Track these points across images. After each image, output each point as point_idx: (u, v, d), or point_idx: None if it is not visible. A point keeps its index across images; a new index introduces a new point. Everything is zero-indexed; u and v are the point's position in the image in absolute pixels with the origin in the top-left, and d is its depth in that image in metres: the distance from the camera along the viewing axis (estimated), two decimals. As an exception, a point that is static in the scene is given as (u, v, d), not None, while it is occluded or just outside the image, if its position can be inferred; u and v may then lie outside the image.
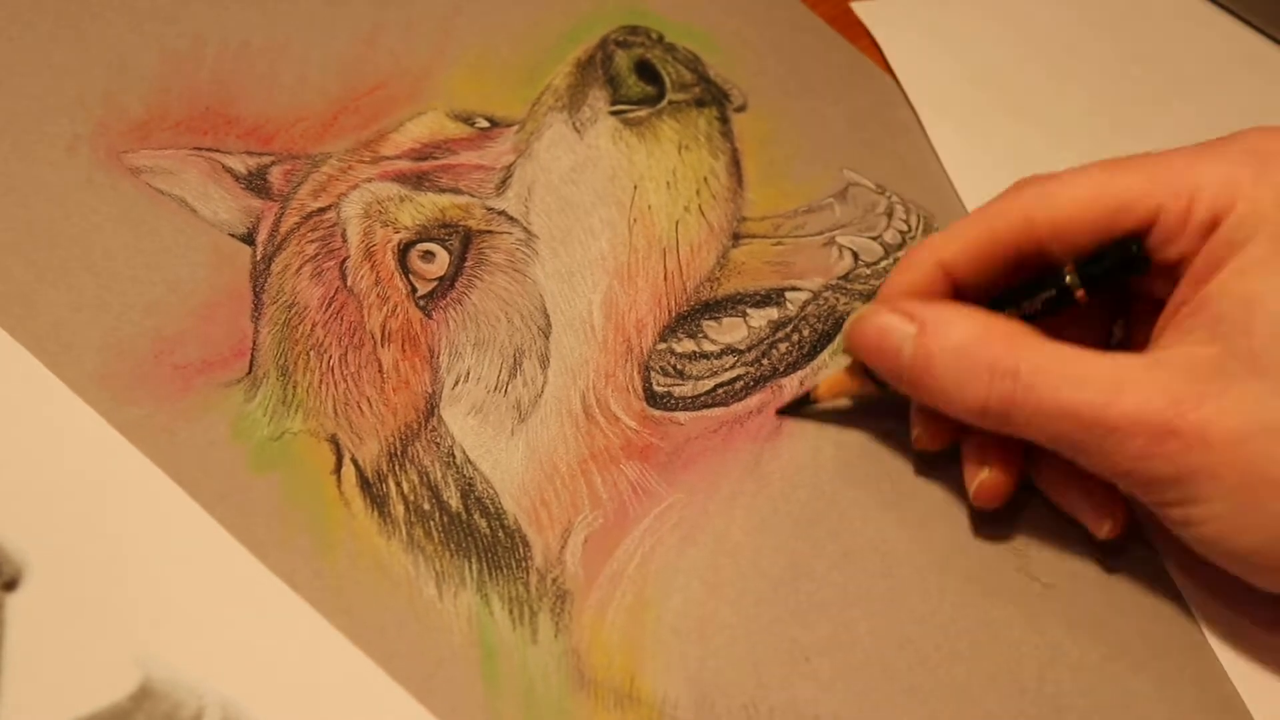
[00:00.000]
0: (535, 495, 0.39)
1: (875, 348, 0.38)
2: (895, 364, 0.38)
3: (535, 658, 0.37)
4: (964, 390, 0.36)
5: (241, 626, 0.36)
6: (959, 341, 0.36)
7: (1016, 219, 0.38)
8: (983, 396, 0.36)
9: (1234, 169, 0.36)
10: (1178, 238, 0.36)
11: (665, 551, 0.39)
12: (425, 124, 0.46)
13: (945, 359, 0.36)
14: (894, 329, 0.37)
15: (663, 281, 0.44)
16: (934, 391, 0.37)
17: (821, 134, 0.48)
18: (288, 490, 0.38)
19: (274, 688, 0.35)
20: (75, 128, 0.44)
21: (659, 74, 0.47)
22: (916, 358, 0.37)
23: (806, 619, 0.38)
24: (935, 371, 0.37)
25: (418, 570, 0.38)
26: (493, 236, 0.44)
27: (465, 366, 0.41)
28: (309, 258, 0.42)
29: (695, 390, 0.42)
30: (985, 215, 0.38)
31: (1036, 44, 0.52)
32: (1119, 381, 0.35)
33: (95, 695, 0.34)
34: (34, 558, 0.36)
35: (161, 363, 0.40)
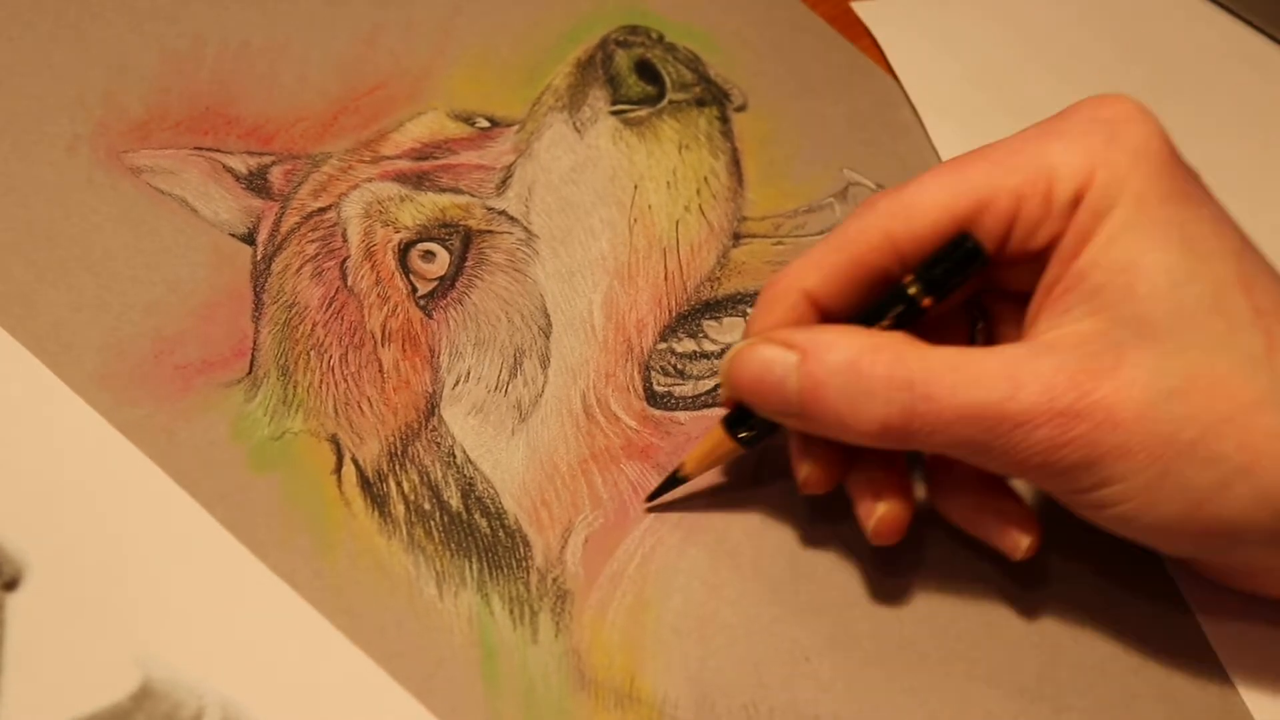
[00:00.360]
0: (536, 495, 0.39)
1: (757, 382, 0.36)
2: (781, 397, 0.35)
3: (535, 658, 0.37)
4: (859, 411, 0.34)
5: (242, 626, 0.36)
6: (845, 360, 0.34)
7: (876, 238, 0.36)
8: (880, 413, 0.34)
9: (1085, 141, 0.34)
10: (1044, 221, 0.35)
11: (665, 551, 0.39)
12: (425, 124, 0.46)
13: (835, 382, 0.34)
14: (775, 360, 0.35)
15: (663, 281, 0.44)
16: (827, 418, 0.35)
17: (821, 134, 0.48)
18: (288, 490, 0.38)
19: (274, 688, 0.35)
20: (75, 128, 0.44)
21: (659, 74, 0.47)
22: (804, 386, 0.35)
23: (806, 619, 0.38)
24: (826, 397, 0.35)
25: (418, 570, 0.38)
26: (493, 236, 0.44)
27: (466, 366, 0.41)
28: (309, 257, 0.42)
29: (696, 390, 0.42)
30: (844, 239, 0.37)
31: (1037, 43, 0.52)
32: (1014, 374, 0.33)
33: (95, 695, 0.34)
34: (34, 558, 0.36)
35: (162, 363, 0.40)
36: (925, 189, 0.36)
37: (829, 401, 0.35)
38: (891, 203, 0.36)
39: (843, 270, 0.36)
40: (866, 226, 0.36)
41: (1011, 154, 0.35)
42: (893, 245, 0.36)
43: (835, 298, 0.37)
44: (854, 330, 0.36)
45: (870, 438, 0.35)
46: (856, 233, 0.36)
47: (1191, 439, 0.33)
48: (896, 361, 0.34)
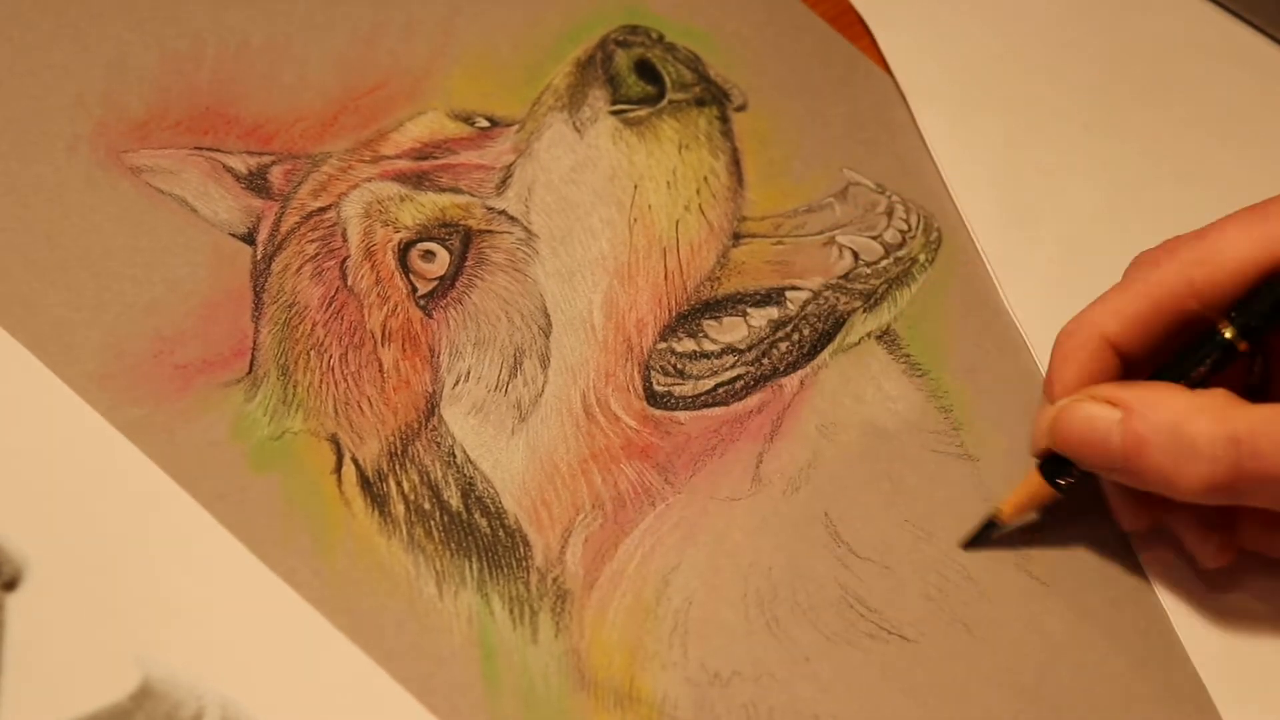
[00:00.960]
0: (536, 495, 0.39)
1: (1083, 440, 0.37)
2: (1105, 453, 0.36)
3: (535, 657, 0.37)
4: (1183, 469, 0.35)
5: (241, 626, 0.36)
6: (1170, 419, 0.35)
7: (1178, 285, 0.37)
8: (1207, 473, 0.34)
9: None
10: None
11: (665, 551, 0.39)
12: (425, 124, 0.46)
13: (1159, 440, 0.35)
14: (1099, 417, 0.36)
15: (663, 281, 0.44)
16: (1152, 476, 0.36)
17: (821, 134, 0.48)
18: (288, 490, 0.38)
19: (274, 688, 0.35)
20: (75, 128, 0.44)
21: (659, 73, 0.47)
22: (1128, 443, 0.36)
23: (807, 619, 0.38)
24: (1150, 455, 0.35)
25: (418, 570, 0.38)
26: (493, 236, 0.44)
27: (466, 366, 0.41)
28: (309, 257, 0.42)
29: (696, 390, 0.42)
30: (1144, 284, 0.37)
31: (1032, 40, 0.51)
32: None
33: (95, 695, 0.34)
34: (34, 557, 0.36)
35: (161, 362, 0.40)
36: (1229, 236, 0.37)
37: (1152, 460, 0.35)
38: (1194, 250, 0.37)
39: (1143, 317, 0.37)
40: (1167, 273, 0.37)
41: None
42: (1195, 292, 0.37)
43: (1135, 343, 0.38)
44: (1177, 389, 0.36)
45: (1196, 495, 0.35)
46: (1158, 279, 0.37)
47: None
48: (1222, 420, 0.34)
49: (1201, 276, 0.37)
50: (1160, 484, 0.36)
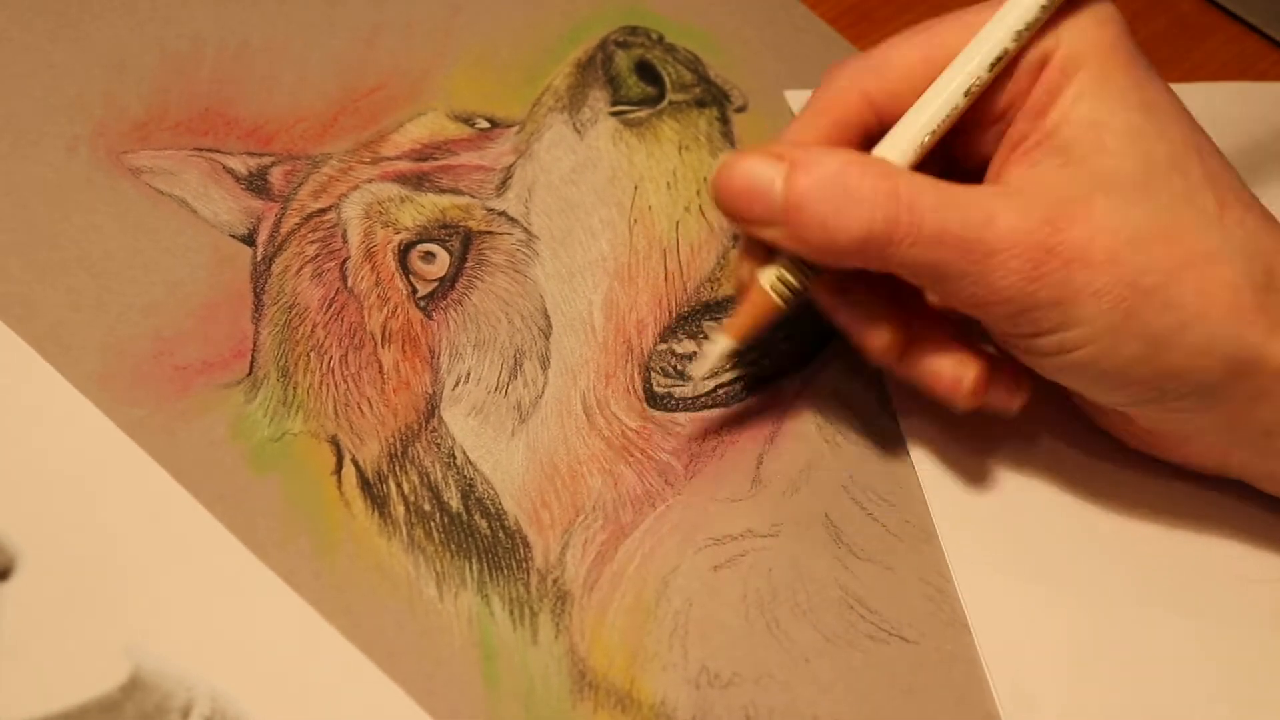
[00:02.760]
0: (536, 496, 0.39)
1: (745, 191, 0.36)
2: (766, 205, 0.36)
3: (536, 659, 0.37)
4: (843, 217, 0.35)
5: (241, 626, 0.36)
6: (833, 170, 0.35)
7: (855, 100, 0.38)
8: (865, 219, 0.35)
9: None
10: (1006, 82, 0.37)
11: (665, 552, 0.39)
12: (425, 125, 0.46)
13: (822, 189, 0.35)
14: (763, 170, 0.36)
15: (663, 282, 0.44)
16: (811, 226, 0.35)
17: (821, 134, 0.48)
18: (288, 491, 0.38)
19: (273, 688, 0.35)
20: (75, 128, 0.44)
21: (659, 74, 0.47)
22: (790, 194, 0.35)
23: (807, 619, 0.38)
24: (811, 205, 0.35)
25: (418, 571, 0.38)
26: (493, 237, 0.44)
27: (466, 367, 0.41)
28: (309, 258, 0.42)
29: (696, 391, 0.42)
30: (824, 106, 0.38)
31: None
32: (992, 206, 0.35)
33: (85, 685, 0.34)
34: (26, 548, 0.36)
35: (161, 363, 0.40)
36: (896, 48, 0.38)
37: (813, 209, 0.35)
38: (864, 63, 0.38)
39: (825, 134, 0.38)
40: (842, 89, 0.38)
41: (979, 15, 0.37)
42: (870, 105, 0.38)
43: None
44: (847, 151, 0.36)
45: (852, 247, 0.35)
46: (835, 97, 0.38)
47: (1154, 284, 0.34)
48: (883, 174, 0.35)
49: (874, 86, 0.38)
50: (819, 237, 0.35)
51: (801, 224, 0.36)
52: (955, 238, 0.34)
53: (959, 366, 0.38)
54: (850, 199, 0.35)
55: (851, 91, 0.38)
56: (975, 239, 0.34)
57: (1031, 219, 0.34)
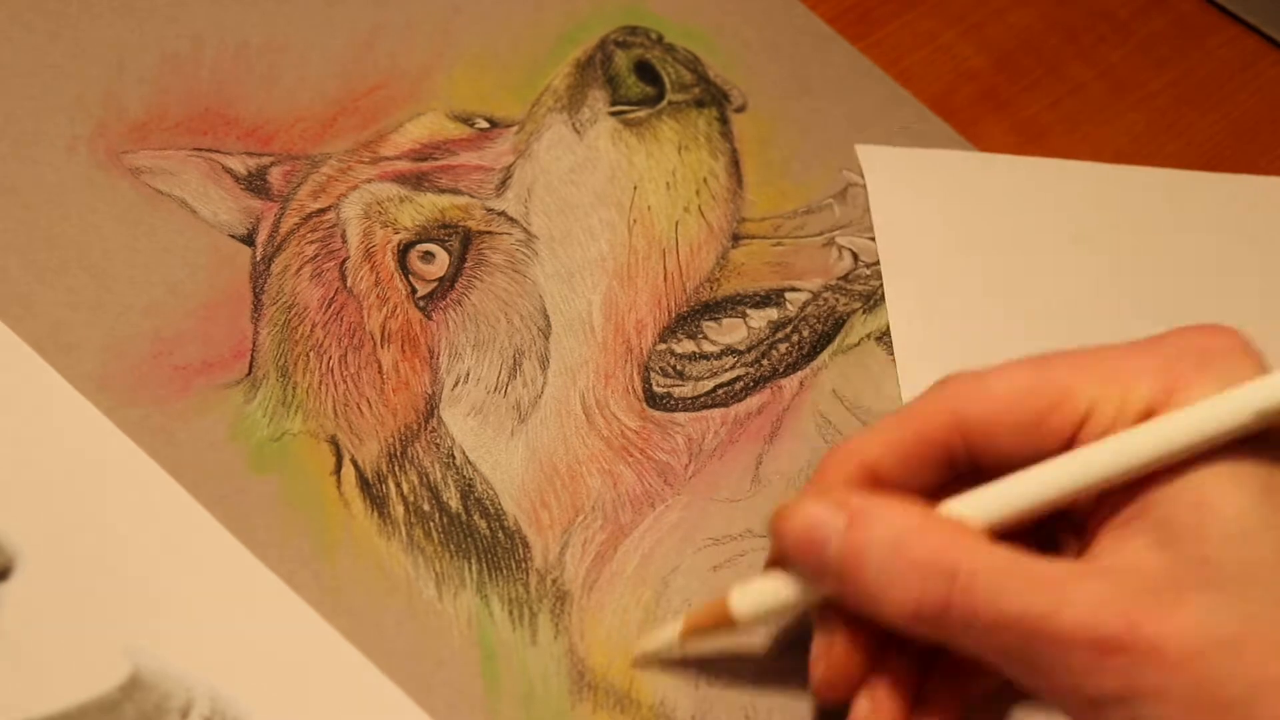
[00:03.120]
0: (535, 496, 0.39)
1: (802, 540, 0.34)
2: (820, 558, 0.33)
3: (535, 659, 0.37)
4: (893, 590, 0.32)
5: (240, 626, 0.36)
6: (893, 535, 0.33)
7: (943, 417, 0.35)
8: (915, 597, 0.32)
9: (1172, 364, 0.33)
10: (1113, 431, 0.33)
11: (665, 552, 0.39)
12: (425, 124, 0.46)
13: (877, 554, 0.32)
14: (824, 521, 0.33)
15: (662, 282, 0.44)
16: (861, 591, 0.33)
17: (821, 134, 0.48)
18: (287, 491, 0.38)
19: (273, 688, 0.35)
20: (75, 128, 0.44)
21: (659, 74, 0.47)
22: (846, 552, 0.33)
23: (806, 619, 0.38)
24: (865, 568, 0.33)
25: (417, 571, 0.38)
26: (492, 237, 0.44)
27: (465, 367, 0.41)
28: (309, 258, 0.42)
29: (695, 391, 0.42)
30: (910, 414, 0.35)
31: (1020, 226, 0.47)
32: (1065, 590, 0.31)
33: (84, 685, 0.34)
34: (27, 548, 0.36)
35: (161, 363, 0.40)
36: (1002, 377, 0.35)
37: (865, 574, 0.33)
38: (964, 385, 0.35)
39: (905, 445, 0.35)
40: (936, 404, 0.35)
41: (1095, 360, 0.34)
42: (959, 426, 0.34)
43: (894, 472, 0.35)
44: (911, 506, 0.34)
45: (902, 619, 0.33)
46: (924, 409, 0.35)
47: (1234, 696, 0.31)
48: (944, 548, 0.32)
49: (969, 410, 0.34)
50: (869, 602, 0.33)
51: (852, 588, 0.33)
52: (1016, 624, 0.31)
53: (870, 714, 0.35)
54: (904, 570, 0.32)
55: (944, 412, 0.35)
56: (1038, 628, 0.31)
57: (1111, 608, 0.31)
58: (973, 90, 0.51)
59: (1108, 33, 0.54)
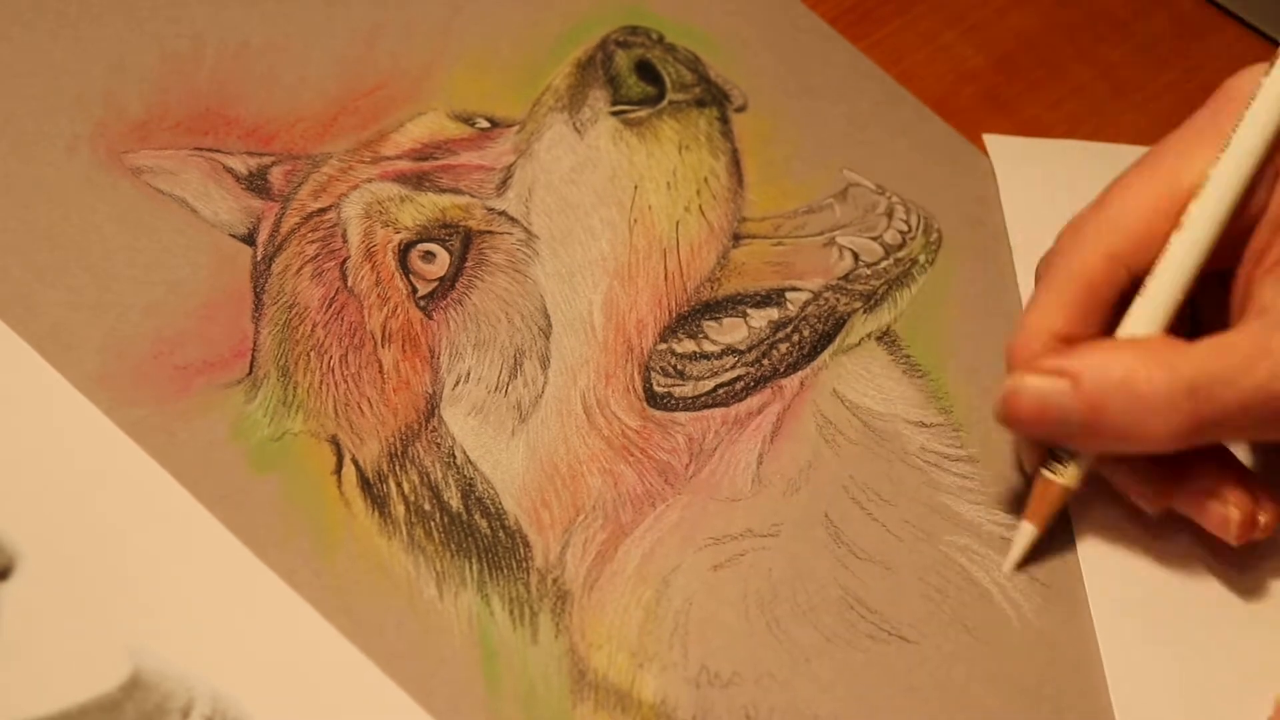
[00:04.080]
0: (536, 496, 0.39)
1: (1037, 418, 0.37)
2: (1065, 425, 0.36)
3: (536, 658, 0.37)
4: (1147, 426, 0.35)
5: (241, 626, 0.36)
6: (1121, 377, 0.35)
7: (1102, 261, 0.37)
8: (1171, 425, 0.35)
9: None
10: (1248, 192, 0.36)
11: (666, 551, 0.39)
12: (425, 124, 0.46)
13: (1116, 402, 0.35)
14: (1050, 391, 0.36)
15: (663, 282, 0.44)
16: (1115, 437, 0.36)
17: (821, 134, 0.48)
18: (288, 491, 0.38)
19: (274, 688, 0.35)
20: (75, 128, 0.44)
21: (659, 74, 0.47)
22: (1085, 411, 0.36)
23: (807, 619, 0.38)
24: (1110, 416, 0.35)
25: (418, 571, 0.38)
26: (493, 237, 0.44)
27: (466, 367, 0.41)
28: (309, 258, 0.42)
29: (696, 390, 0.42)
30: (1069, 273, 0.38)
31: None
32: (1273, 351, 0.34)
33: (86, 685, 0.34)
34: (27, 548, 0.36)
35: (161, 363, 0.40)
36: (1124, 200, 0.38)
37: (1112, 420, 0.35)
38: (1099, 224, 0.38)
39: (1084, 302, 0.37)
40: (1089, 254, 0.38)
41: (1189, 141, 0.37)
42: (1119, 263, 0.37)
43: (1082, 330, 0.38)
44: (1113, 344, 0.37)
45: (1166, 446, 0.35)
46: (1080, 264, 0.38)
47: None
48: (1171, 372, 0.35)
49: (1118, 244, 0.37)
50: (1120, 443, 0.36)
51: (1102, 438, 0.36)
52: (1257, 402, 0.35)
53: (1224, 506, 0.38)
54: (1147, 409, 0.35)
55: (1095, 255, 0.37)
56: (1271, 394, 0.34)
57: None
58: (973, 90, 0.51)
59: (1108, 33, 0.54)
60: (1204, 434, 0.35)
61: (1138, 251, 0.37)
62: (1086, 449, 0.37)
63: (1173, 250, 0.37)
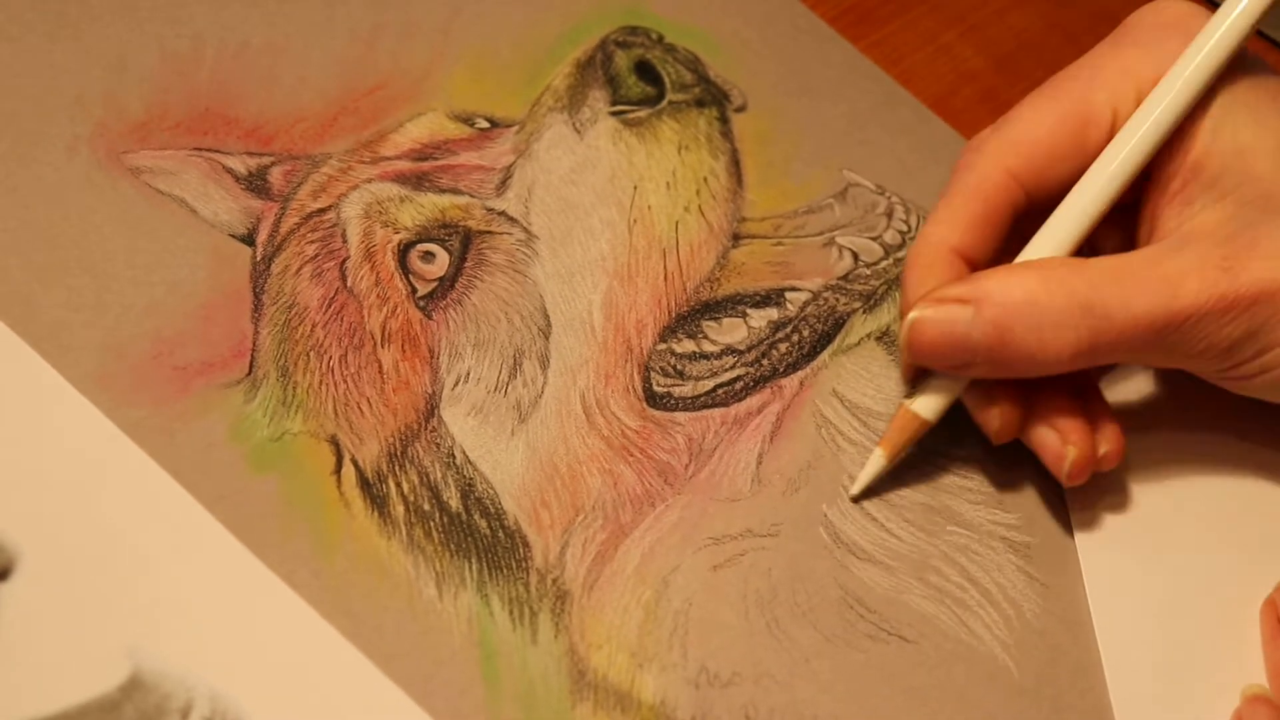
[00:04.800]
0: (535, 496, 0.39)
1: (942, 344, 0.37)
2: (967, 349, 0.37)
3: (535, 658, 0.37)
4: (1048, 343, 0.36)
5: (241, 626, 0.36)
6: (1023, 299, 0.36)
7: (1000, 178, 0.38)
8: (1071, 341, 0.36)
9: (1160, 45, 0.37)
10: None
11: (665, 551, 0.39)
12: (425, 124, 0.46)
13: (1019, 323, 0.36)
14: (954, 318, 0.37)
15: (663, 282, 0.44)
16: (1018, 357, 0.36)
17: (821, 134, 0.48)
18: (287, 491, 0.38)
19: (273, 688, 0.35)
20: (75, 128, 0.44)
21: (659, 74, 0.47)
22: (988, 333, 0.36)
23: (807, 619, 0.38)
24: (1014, 338, 0.36)
25: (418, 571, 0.38)
26: (493, 237, 0.44)
27: (465, 367, 0.41)
28: (309, 258, 0.42)
29: (695, 390, 0.42)
30: (968, 189, 0.39)
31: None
32: (1168, 274, 0.35)
33: (85, 685, 0.34)
34: (27, 548, 0.36)
35: (161, 364, 0.40)
36: (1026, 121, 0.38)
37: (1017, 341, 0.36)
38: (1000, 142, 0.38)
39: (980, 217, 0.38)
40: (988, 171, 0.38)
41: (1095, 69, 0.38)
42: (1016, 179, 0.38)
43: (981, 245, 0.39)
44: (1016, 268, 0.37)
45: (1062, 365, 0.36)
46: (980, 179, 0.38)
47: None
48: (1070, 289, 0.36)
49: (1015, 163, 0.38)
50: (1026, 365, 0.37)
51: (1006, 360, 0.37)
52: (1150, 324, 0.36)
53: (1062, 445, 0.39)
54: (1049, 326, 0.36)
55: (995, 171, 0.38)
56: (1167, 317, 0.35)
57: (1207, 274, 0.35)
58: (973, 91, 0.51)
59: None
60: (1099, 354, 0.36)
61: (1036, 173, 0.38)
62: (991, 374, 0.38)
63: (1092, 177, 0.38)
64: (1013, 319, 0.36)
